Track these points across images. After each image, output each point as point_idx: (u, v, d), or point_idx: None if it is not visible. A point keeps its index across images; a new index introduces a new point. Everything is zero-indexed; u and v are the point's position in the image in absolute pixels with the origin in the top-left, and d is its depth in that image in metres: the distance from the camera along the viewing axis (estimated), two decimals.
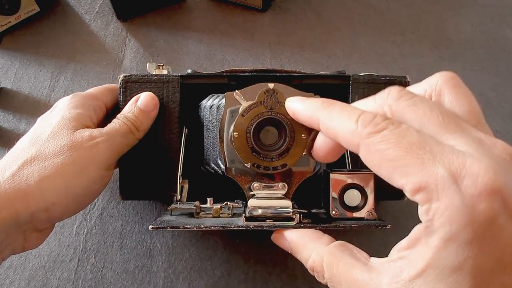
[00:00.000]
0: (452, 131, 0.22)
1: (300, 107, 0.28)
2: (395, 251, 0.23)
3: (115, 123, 0.34)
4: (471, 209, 0.19)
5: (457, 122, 0.22)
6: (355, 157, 0.36)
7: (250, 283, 0.39)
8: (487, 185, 0.19)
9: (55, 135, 0.31)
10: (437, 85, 0.25)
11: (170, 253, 0.40)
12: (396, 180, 0.21)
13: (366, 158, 0.23)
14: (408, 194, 0.21)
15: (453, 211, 0.19)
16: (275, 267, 0.39)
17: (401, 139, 0.21)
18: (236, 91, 0.33)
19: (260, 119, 0.32)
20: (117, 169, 0.37)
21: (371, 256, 0.25)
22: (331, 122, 0.25)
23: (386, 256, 0.24)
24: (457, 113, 0.24)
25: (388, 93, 0.24)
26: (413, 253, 0.21)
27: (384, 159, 0.22)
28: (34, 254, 0.40)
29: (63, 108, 0.34)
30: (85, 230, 0.41)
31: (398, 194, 0.37)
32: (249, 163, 0.32)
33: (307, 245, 0.28)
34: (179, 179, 0.36)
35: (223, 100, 0.34)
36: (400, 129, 0.22)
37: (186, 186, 0.36)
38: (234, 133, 0.32)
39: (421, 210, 0.21)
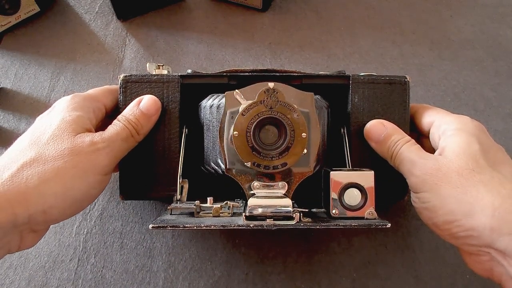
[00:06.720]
0: None
1: None
2: None
3: (116, 126, 0.34)
4: None
5: None
6: (355, 156, 0.36)
7: (250, 283, 0.39)
8: None
9: (55, 138, 0.31)
10: None
11: (170, 253, 0.40)
12: None
13: None
14: None
15: None
16: (275, 267, 0.39)
17: None
18: (236, 90, 0.33)
19: (260, 118, 0.32)
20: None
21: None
22: None
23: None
24: None
25: None
26: None
27: None
28: (34, 254, 0.40)
29: (62, 110, 0.33)
30: (85, 230, 0.41)
31: (398, 194, 0.37)
32: (249, 162, 0.32)
33: None
34: (179, 179, 0.36)
35: (223, 100, 0.34)
36: None
37: (186, 186, 0.36)
38: (234, 133, 0.32)
39: None
